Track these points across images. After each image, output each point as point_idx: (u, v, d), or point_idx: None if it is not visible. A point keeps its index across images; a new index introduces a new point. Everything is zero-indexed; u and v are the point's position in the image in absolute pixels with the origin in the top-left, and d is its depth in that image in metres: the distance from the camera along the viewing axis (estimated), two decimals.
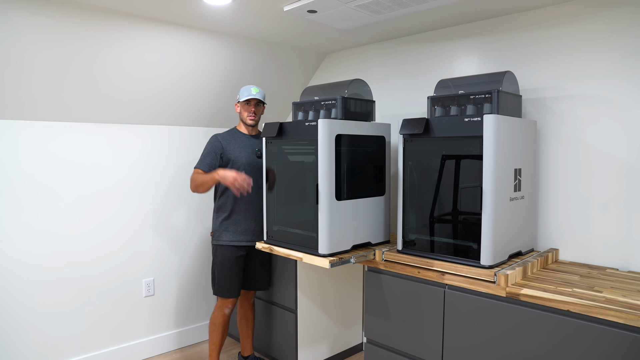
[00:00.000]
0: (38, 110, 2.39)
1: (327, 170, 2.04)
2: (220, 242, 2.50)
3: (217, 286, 2.51)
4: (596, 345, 1.52)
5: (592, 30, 2.04)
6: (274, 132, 2.24)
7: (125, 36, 2.40)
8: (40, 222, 2.47)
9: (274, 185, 2.34)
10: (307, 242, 2.15)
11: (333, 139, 2.06)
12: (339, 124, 2.09)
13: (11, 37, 2.09)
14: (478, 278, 1.80)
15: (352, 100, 2.23)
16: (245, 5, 2.20)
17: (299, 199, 2.21)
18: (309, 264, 2.63)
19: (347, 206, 2.14)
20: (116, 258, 2.76)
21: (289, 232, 2.26)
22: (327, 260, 2.03)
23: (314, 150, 2.09)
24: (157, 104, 2.77)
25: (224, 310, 2.52)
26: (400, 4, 2.08)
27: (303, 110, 2.35)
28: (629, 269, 1.96)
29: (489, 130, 1.77)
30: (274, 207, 2.35)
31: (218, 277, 2.51)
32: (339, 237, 2.11)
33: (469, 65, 2.46)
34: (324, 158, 2.04)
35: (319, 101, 2.26)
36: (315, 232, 2.10)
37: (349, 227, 2.16)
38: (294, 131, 2.18)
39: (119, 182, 2.74)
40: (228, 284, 2.49)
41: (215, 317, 2.53)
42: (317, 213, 2.07)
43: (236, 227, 2.49)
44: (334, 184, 2.07)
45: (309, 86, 2.54)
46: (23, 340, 2.43)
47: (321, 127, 2.04)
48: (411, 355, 2.06)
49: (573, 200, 2.10)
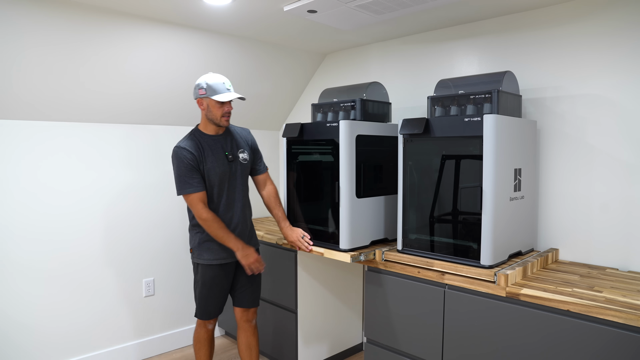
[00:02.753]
0: (38, 110, 2.39)
1: (348, 168, 2.13)
2: (202, 260, 2.17)
3: (198, 307, 2.23)
4: (596, 345, 1.52)
5: (592, 30, 2.04)
6: (295, 132, 2.32)
7: (125, 36, 2.40)
8: (41, 222, 2.47)
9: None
10: (328, 238, 2.24)
11: (354, 139, 2.14)
12: (358, 125, 2.17)
13: (10, 37, 2.09)
14: (478, 278, 1.80)
15: (370, 102, 2.32)
16: (245, 5, 2.20)
17: (318, 197, 2.29)
18: (307, 264, 2.63)
19: (365, 203, 2.23)
20: (116, 258, 2.76)
21: (309, 229, 2.34)
22: (349, 255, 2.11)
23: (330, 150, 2.20)
24: (157, 104, 2.77)
25: (207, 326, 2.27)
26: (400, 4, 2.08)
27: (322, 112, 2.43)
28: (629, 269, 1.96)
29: (489, 130, 1.77)
30: (296, 205, 2.41)
31: (199, 298, 2.22)
32: (359, 233, 2.20)
33: (469, 65, 2.47)
34: (345, 157, 2.12)
35: (338, 103, 2.34)
36: (336, 229, 2.18)
37: (368, 223, 2.25)
38: (315, 131, 2.26)
39: (119, 181, 2.74)
40: (210, 306, 2.21)
41: (198, 334, 2.28)
42: (338, 210, 2.15)
43: (215, 243, 2.15)
44: (354, 182, 2.15)
45: (327, 88, 2.58)
46: (24, 339, 2.43)
47: (343, 128, 2.12)
48: (411, 355, 2.06)
49: (573, 200, 2.10)
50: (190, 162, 2.06)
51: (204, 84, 2.08)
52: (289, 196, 2.43)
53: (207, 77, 2.09)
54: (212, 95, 2.07)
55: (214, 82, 2.08)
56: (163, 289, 2.97)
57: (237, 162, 2.19)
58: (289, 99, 3.40)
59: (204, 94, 2.08)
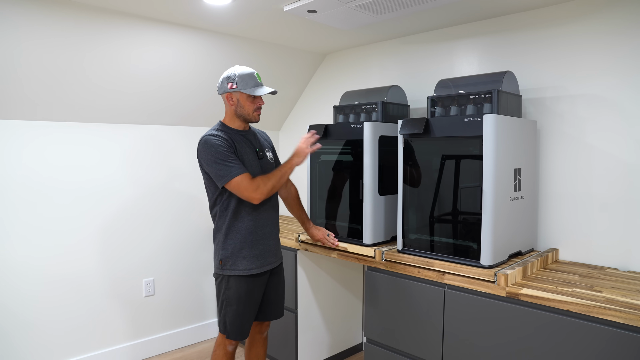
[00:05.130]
0: (38, 110, 2.39)
1: (372, 167, 2.22)
2: (236, 271, 1.94)
3: (231, 327, 1.96)
4: (596, 345, 1.52)
5: (592, 30, 2.04)
6: (320, 133, 2.37)
7: (125, 36, 2.40)
8: (41, 222, 2.47)
9: None
10: (351, 233, 2.32)
11: (377, 139, 2.23)
12: (380, 126, 2.25)
13: (11, 37, 2.09)
14: (478, 278, 1.80)
15: (390, 105, 2.41)
16: (245, 5, 2.20)
17: (340, 194, 2.37)
18: (306, 264, 2.63)
19: (386, 200, 2.31)
20: (116, 258, 2.76)
21: (332, 225, 2.41)
22: (372, 250, 2.18)
23: (350, 150, 2.30)
24: (157, 104, 2.77)
25: (228, 348, 2.04)
26: (400, 4, 2.08)
27: (343, 113, 2.50)
28: (629, 269, 1.96)
29: (489, 130, 1.77)
30: (317, 202, 2.47)
31: (233, 316, 1.95)
32: (381, 228, 2.29)
33: (469, 65, 2.47)
34: (369, 157, 2.21)
35: (360, 105, 2.41)
36: (360, 224, 2.26)
37: (388, 219, 2.32)
38: (339, 132, 2.34)
39: (119, 181, 2.74)
40: (245, 324, 1.98)
41: (218, 356, 2.04)
42: (362, 207, 2.24)
43: (252, 251, 1.96)
44: (377, 180, 2.24)
45: (348, 91, 2.65)
46: (25, 339, 2.43)
47: (367, 129, 2.20)
48: (411, 355, 2.06)
49: (573, 200, 2.10)
50: (227, 147, 1.87)
51: (235, 76, 1.91)
52: (312, 194, 2.50)
53: (236, 69, 1.93)
54: (245, 89, 1.91)
55: (245, 75, 1.92)
56: (163, 289, 2.97)
57: (265, 160, 2.06)
58: (289, 99, 3.40)
59: (234, 87, 1.91)
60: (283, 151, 3.59)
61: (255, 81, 1.94)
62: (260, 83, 1.96)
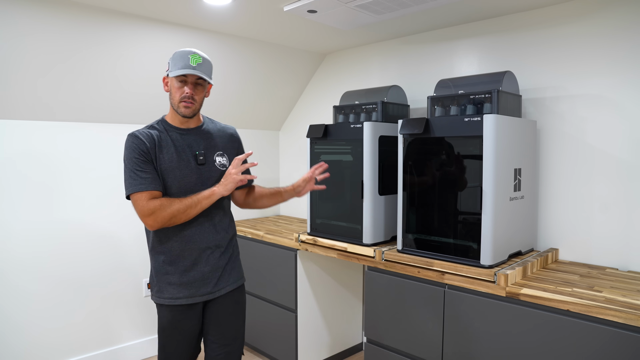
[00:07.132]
0: (38, 110, 2.39)
1: (371, 167, 2.23)
2: (161, 299, 1.65)
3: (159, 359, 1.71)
4: (596, 345, 1.52)
5: (592, 30, 2.04)
6: (319, 133, 2.37)
7: (125, 36, 2.40)
8: (40, 221, 2.47)
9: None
10: (351, 233, 2.32)
11: (377, 140, 2.24)
12: (380, 126, 2.25)
13: (11, 37, 2.09)
14: (478, 278, 1.80)
15: (390, 105, 2.41)
16: (245, 5, 2.20)
17: (340, 194, 2.37)
18: (307, 263, 2.63)
19: (386, 200, 2.31)
20: (116, 258, 2.76)
21: (332, 224, 2.41)
22: (372, 249, 2.17)
23: (350, 150, 2.29)
24: (157, 104, 2.77)
25: None
26: (400, 4, 2.08)
27: (343, 113, 2.50)
28: (629, 269, 1.96)
29: (489, 130, 1.77)
30: (317, 202, 2.48)
31: (159, 348, 1.70)
32: (381, 228, 2.29)
33: (469, 65, 2.47)
34: (369, 157, 2.21)
35: (360, 105, 2.41)
36: (359, 224, 2.27)
37: (388, 219, 2.33)
38: (339, 132, 2.34)
39: (120, 181, 2.74)
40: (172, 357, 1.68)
41: None
42: (362, 206, 2.24)
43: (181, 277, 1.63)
44: (377, 180, 2.25)
45: (348, 91, 2.64)
46: (23, 340, 2.43)
47: (366, 129, 2.21)
48: (411, 355, 2.06)
49: (573, 200, 2.11)
50: (140, 154, 1.55)
51: (171, 57, 1.59)
52: (312, 194, 2.51)
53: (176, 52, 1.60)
54: (172, 70, 1.57)
55: (178, 54, 1.56)
56: None
57: (209, 167, 1.67)
58: (289, 99, 3.40)
59: (166, 70, 1.61)
60: (283, 151, 3.60)
61: (184, 62, 1.53)
62: (191, 65, 1.54)
